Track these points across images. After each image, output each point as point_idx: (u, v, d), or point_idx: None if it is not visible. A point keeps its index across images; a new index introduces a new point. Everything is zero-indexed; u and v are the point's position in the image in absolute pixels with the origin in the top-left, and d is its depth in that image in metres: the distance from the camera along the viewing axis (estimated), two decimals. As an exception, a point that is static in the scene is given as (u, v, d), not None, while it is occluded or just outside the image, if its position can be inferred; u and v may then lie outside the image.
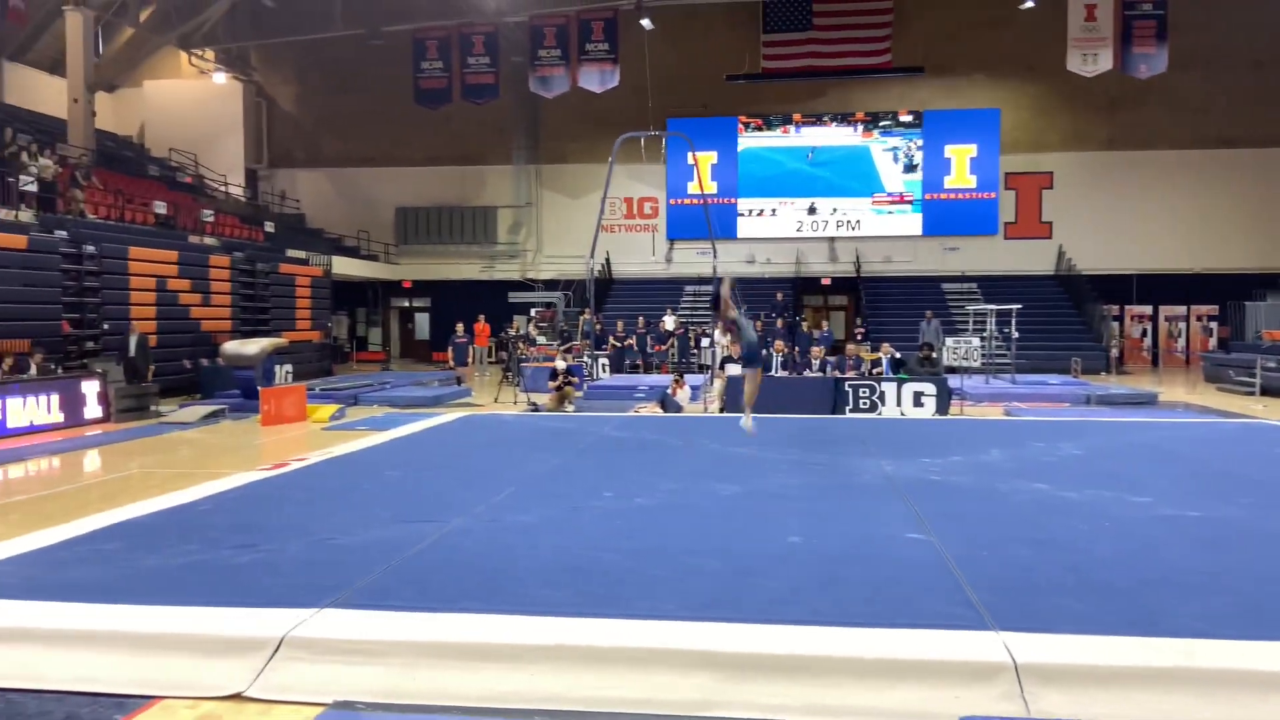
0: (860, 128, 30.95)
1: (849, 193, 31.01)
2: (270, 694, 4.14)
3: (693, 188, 30.14)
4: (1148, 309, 30.20)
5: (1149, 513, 6.98)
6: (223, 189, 29.97)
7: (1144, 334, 30.42)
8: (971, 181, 30.61)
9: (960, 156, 30.61)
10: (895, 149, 30.83)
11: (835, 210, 31.12)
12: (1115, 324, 28.64)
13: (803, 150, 31.17)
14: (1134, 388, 19.35)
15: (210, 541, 6.15)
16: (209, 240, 23.13)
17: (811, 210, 31.24)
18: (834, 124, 30.93)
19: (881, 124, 30.85)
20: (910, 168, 30.76)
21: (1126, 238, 29.63)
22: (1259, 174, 29.21)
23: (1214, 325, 29.71)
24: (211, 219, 24.52)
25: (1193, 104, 29.18)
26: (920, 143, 30.69)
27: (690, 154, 25.70)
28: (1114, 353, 26.24)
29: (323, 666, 4.24)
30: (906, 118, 30.68)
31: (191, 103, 31.59)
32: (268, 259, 24.06)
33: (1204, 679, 3.95)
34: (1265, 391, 18.09)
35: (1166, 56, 25.82)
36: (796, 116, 31.13)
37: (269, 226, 27.54)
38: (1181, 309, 30.06)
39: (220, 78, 31.13)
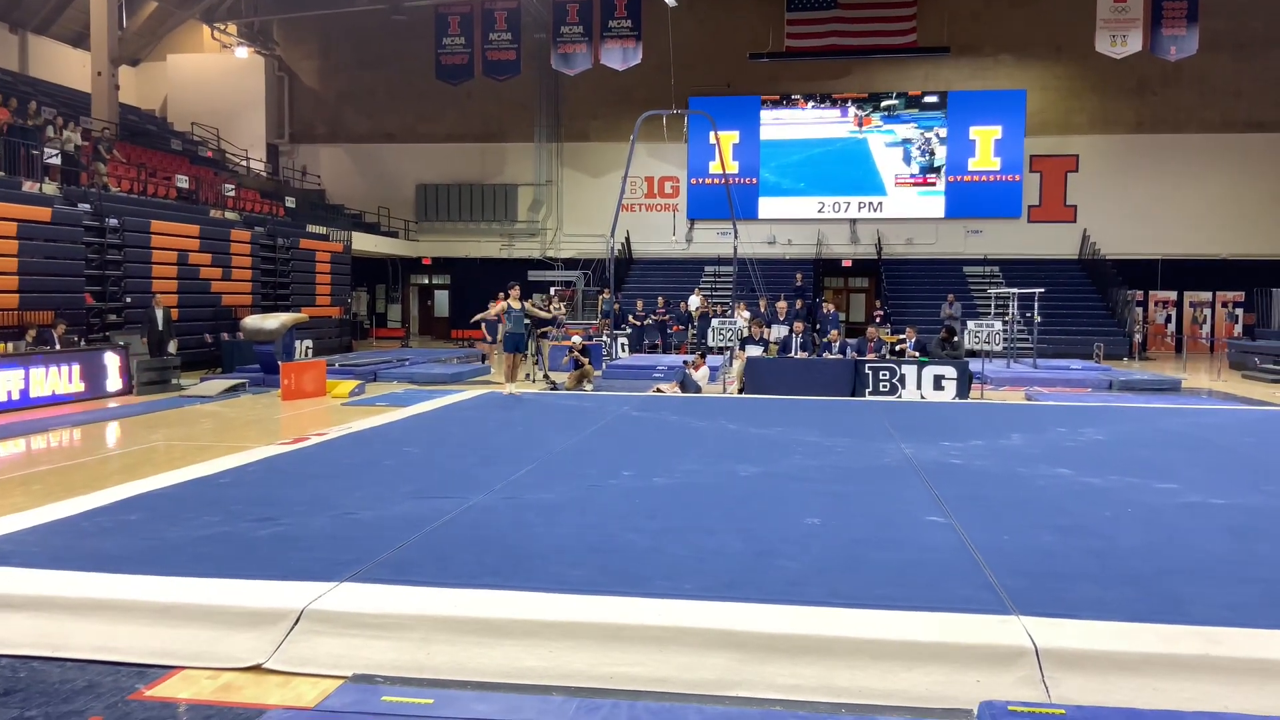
0: (881, 114, 30.62)
1: (869, 190, 30.76)
2: (290, 666, 4.16)
3: (714, 167, 30.02)
4: (1172, 294, 29.88)
5: (1174, 500, 6.92)
6: (244, 164, 30.04)
7: (1168, 320, 30.13)
8: (996, 164, 30.28)
9: (985, 138, 30.27)
10: (915, 136, 30.50)
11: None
12: (1139, 309, 28.35)
13: (824, 140, 30.86)
14: (1157, 374, 19.17)
15: (231, 514, 6.19)
16: (230, 215, 23.19)
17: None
18: (851, 107, 30.62)
19: (907, 108, 30.50)
20: (931, 152, 30.43)
21: (1152, 222, 29.29)
22: (1290, 159, 28.79)
23: (1239, 312, 29.38)
24: (233, 194, 24.61)
25: (1223, 87, 28.77)
26: (944, 126, 30.35)
27: (712, 133, 25.55)
28: (1137, 338, 25.99)
29: (342, 639, 4.25)
30: (931, 99, 30.34)
31: (214, 77, 31.67)
32: (288, 234, 24.11)
33: (1229, 667, 3.90)
34: (1291, 379, 17.91)
35: (1197, 38, 25.48)
36: (821, 102, 30.84)
37: (290, 202, 27.59)
38: (1207, 295, 29.73)
39: (242, 52, 31.17)
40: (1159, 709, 3.73)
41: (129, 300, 17.90)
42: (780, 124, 31.15)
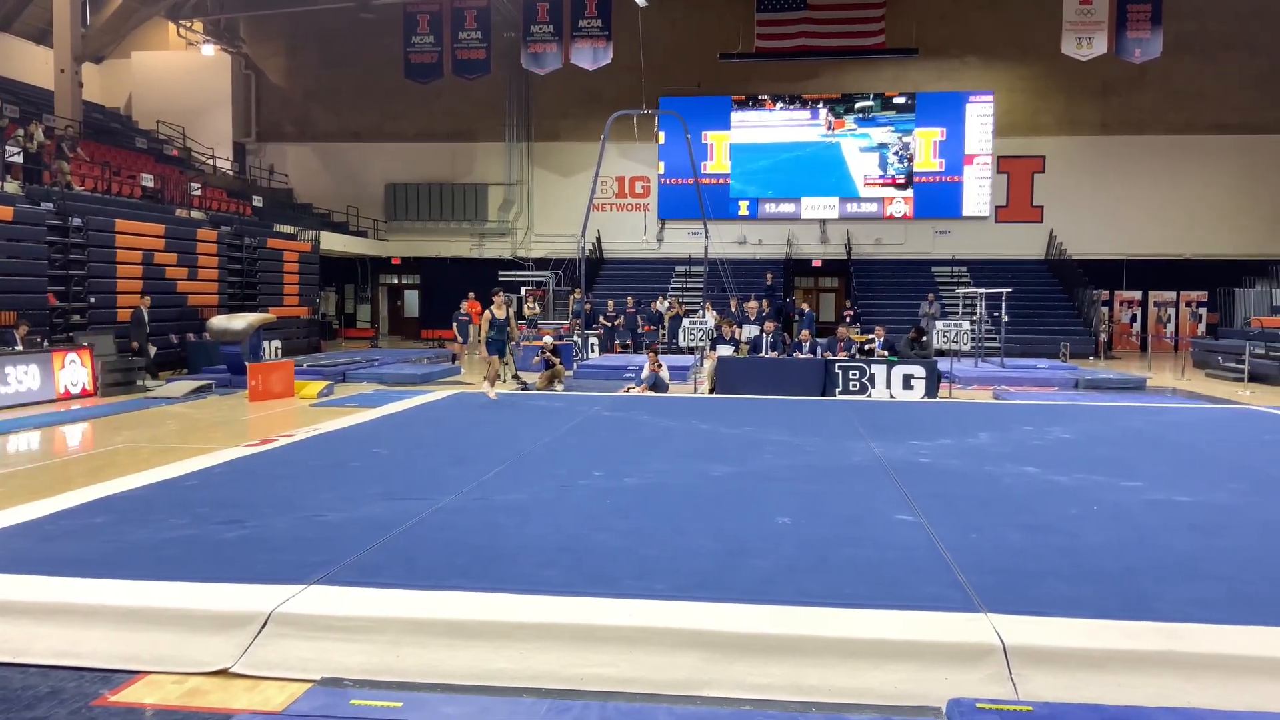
0: (839, 113, 30.77)
1: (838, 190, 30.93)
2: (257, 670, 4.13)
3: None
4: (1137, 294, 30.25)
5: (1139, 497, 7.00)
6: (210, 162, 29.73)
7: (1133, 319, 30.49)
8: (959, 164, 30.50)
9: (949, 139, 30.48)
10: (883, 137, 30.67)
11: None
12: (1104, 309, 28.68)
13: (794, 141, 30.98)
14: (1123, 373, 19.39)
15: (197, 517, 6.12)
16: (196, 214, 22.93)
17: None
18: (820, 108, 30.76)
19: (876, 110, 30.67)
20: (899, 153, 30.61)
21: (1117, 223, 29.64)
22: (1252, 160, 29.21)
23: (1203, 311, 29.80)
24: (199, 192, 24.33)
25: (1187, 89, 29.15)
26: (912, 127, 30.54)
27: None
28: (1103, 338, 26.29)
29: (310, 643, 4.22)
30: (900, 100, 30.53)
31: (179, 75, 31.31)
32: (255, 234, 23.88)
33: (1193, 663, 3.96)
34: (1253, 378, 18.15)
35: (1161, 41, 25.80)
36: (791, 103, 30.97)
37: (257, 201, 27.32)
38: (1171, 295, 30.12)
39: (209, 50, 30.82)
40: (1124, 705, 3.77)
41: (93, 300, 17.66)
42: (751, 125, 31.26)
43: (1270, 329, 20.93)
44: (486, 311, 13.47)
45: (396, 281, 34.53)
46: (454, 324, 21.28)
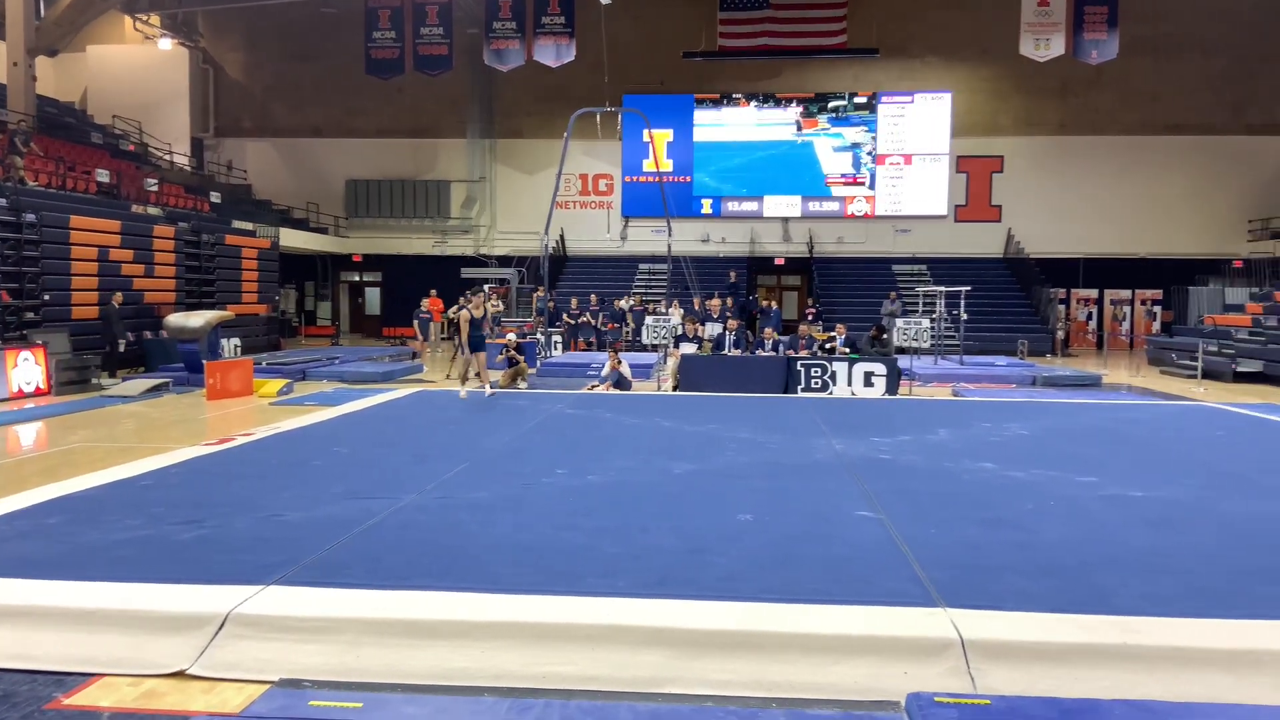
0: (811, 113, 30.95)
1: (801, 189, 31.11)
2: (214, 671, 4.08)
3: (648, 165, 30.12)
4: (1093, 293, 30.70)
5: (1095, 493, 7.10)
6: (167, 158, 29.30)
7: (1089, 317, 30.94)
8: (917, 164, 30.78)
9: (910, 139, 30.75)
10: (845, 135, 30.88)
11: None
12: (1061, 307, 29.08)
13: (758, 141, 31.12)
14: (1079, 370, 19.67)
15: (153, 517, 6.04)
16: (153, 210, 22.60)
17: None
18: (783, 107, 30.92)
19: (837, 110, 30.86)
20: (861, 151, 30.83)
21: (1074, 222, 30.05)
22: (1205, 161, 29.72)
23: (1158, 309, 30.31)
24: (156, 188, 23.96)
25: (1142, 91, 29.60)
26: (873, 126, 30.77)
27: (646, 131, 25.56)
28: (1060, 335, 26.65)
29: (268, 644, 4.18)
30: (860, 100, 30.74)
31: (136, 69, 30.81)
32: (213, 230, 23.59)
33: (1147, 656, 4.03)
34: (1207, 375, 18.48)
35: (1117, 43, 26.16)
36: (751, 102, 31.08)
37: (215, 197, 26.98)
38: (1126, 293, 30.60)
39: (166, 44, 30.36)
40: (1081, 697, 3.83)
41: (47, 298, 17.36)
42: (714, 123, 31.35)
43: (1223, 327, 21.32)
44: (465, 311, 13.28)
45: (358, 279, 34.23)
46: (415, 321, 21.14)
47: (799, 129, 31.03)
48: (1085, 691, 3.88)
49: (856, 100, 30.80)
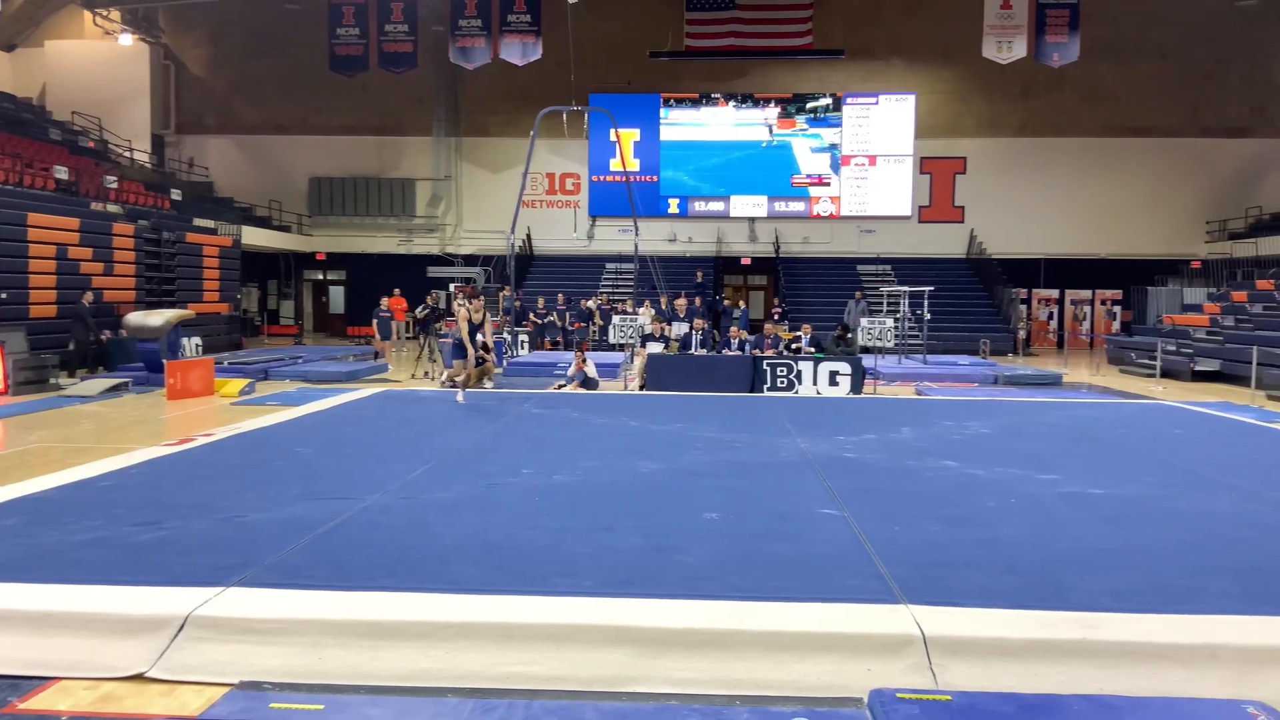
0: (790, 113, 31.09)
1: (768, 189, 31.25)
2: (173, 674, 4.04)
3: (615, 164, 30.11)
4: (1054, 293, 31.10)
5: (1055, 490, 7.19)
6: (127, 155, 28.89)
7: (1050, 317, 31.34)
8: (882, 165, 31.01)
9: (874, 140, 30.96)
10: (812, 136, 31.04)
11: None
12: (1023, 307, 29.43)
13: (725, 140, 31.20)
14: (1040, 369, 19.90)
15: (112, 518, 5.95)
16: (112, 208, 22.27)
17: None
18: (750, 107, 31.05)
19: (804, 111, 31.02)
20: (826, 151, 31.00)
21: (1036, 223, 30.41)
22: (1164, 162, 30.17)
23: (1118, 309, 30.76)
24: (115, 185, 23.62)
25: (1103, 93, 29.99)
26: (839, 128, 30.94)
27: (613, 130, 25.56)
28: (1021, 335, 26.96)
29: (228, 646, 4.14)
30: (825, 101, 30.92)
31: (96, 64, 30.32)
32: (174, 228, 23.29)
33: (1105, 651, 4.08)
34: (1165, 374, 18.76)
35: (1078, 46, 26.46)
36: (720, 101, 31.17)
37: (176, 194, 26.63)
38: (1087, 293, 31.02)
39: (126, 39, 29.93)
40: (1040, 693, 3.87)
41: (4, 296, 17.06)
42: (680, 123, 31.40)
43: (1181, 327, 21.66)
44: (463, 309, 13.07)
45: (321, 277, 33.95)
46: (374, 320, 20.96)
47: (770, 130, 31.13)
48: (1045, 687, 3.92)
49: (824, 101, 30.95)
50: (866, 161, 31.02)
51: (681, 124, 31.41)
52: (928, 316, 21.49)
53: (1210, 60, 29.50)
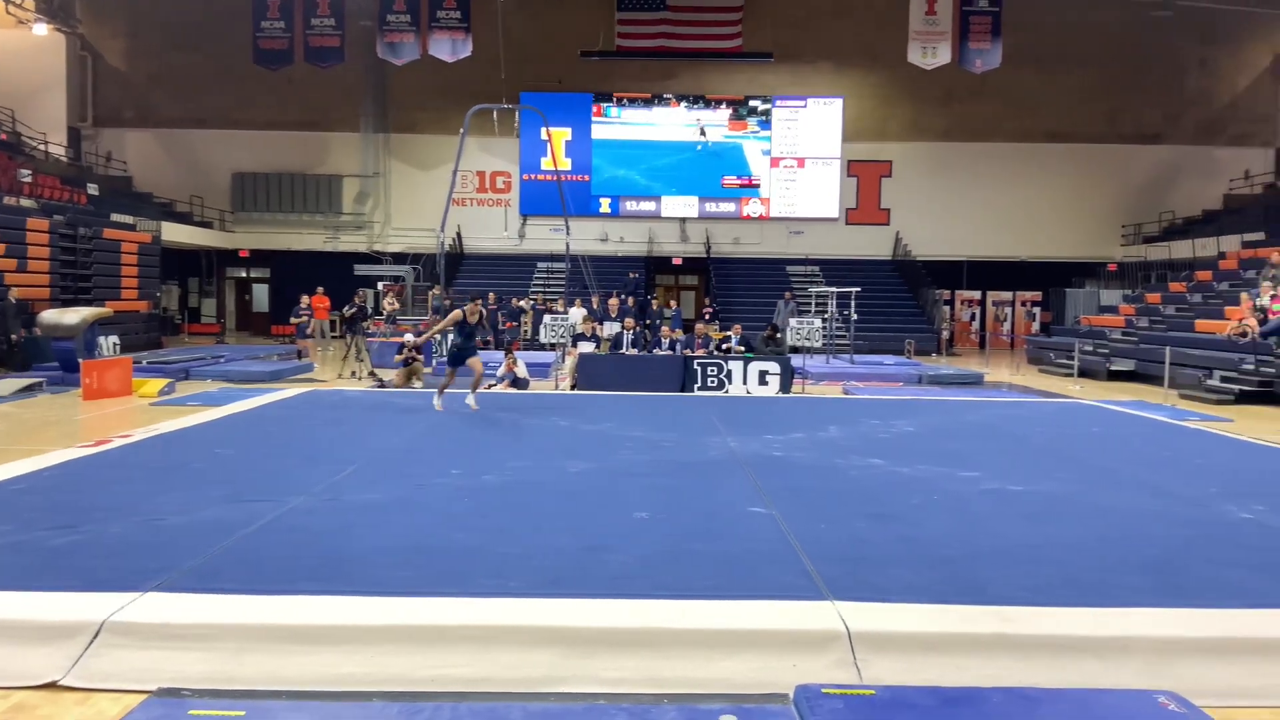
0: (716, 112, 31.30)
1: (699, 189, 31.45)
2: (89, 682, 3.93)
3: (546, 163, 29.99)
4: (977, 294, 31.82)
5: (976, 487, 7.35)
6: (42, 148, 27.98)
7: (973, 318, 32.05)
8: (810, 167, 31.37)
9: (803, 142, 31.31)
10: (741, 137, 31.30)
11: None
12: (946, 308, 30.06)
13: (655, 140, 31.30)
14: (963, 368, 20.34)
15: (25, 522, 5.76)
16: (26, 202, 21.60)
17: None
18: (684, 107, 31.21)
19: (733, 111, 31.26)
20: (758, 153, 31.28)
21: (959, 226, 31.05)
22: (1082, 168, 31.02)
23: (1037, 310, 31.59)
24: (29, 179, 22.91)
25: (1024, 99, 30.68)
26: (768, 130, 31.24)
27: (544, 129, 25.45)
28: (945, 335, 27.53)
29: (146, 652, 4.03)
30: (756, 103, 31.20)
31: (9, 55, 29.30)
32: (91, 223, 22.66)
33: (1023, 644, 4.18)
34: (1083, 373, 19.29)
35: (1000, 53, 27.05)
36: (660, 103, 31.26)
37: (93, 189, 25.90)
38: (1008, 295, 31.80)
39: (41, 28, 28.97)
40: (962, 685, 3.95)
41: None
42: (612, 122, 31.43)
43: (1097, 327, 22.29)
44: (457, 311, 12.19)
45: (244, 275, 33.27)
46: (292, 319, 20.58)
47: (702, 131, 31.29)
48: (966, 680, 4.00)
49: (754, 104, 31.21)
50: (795, 164, 31.37)
51: (613, 123, 31.45)
52: (855, 317, 21.82)
53: (1127, 69, 30.40)
